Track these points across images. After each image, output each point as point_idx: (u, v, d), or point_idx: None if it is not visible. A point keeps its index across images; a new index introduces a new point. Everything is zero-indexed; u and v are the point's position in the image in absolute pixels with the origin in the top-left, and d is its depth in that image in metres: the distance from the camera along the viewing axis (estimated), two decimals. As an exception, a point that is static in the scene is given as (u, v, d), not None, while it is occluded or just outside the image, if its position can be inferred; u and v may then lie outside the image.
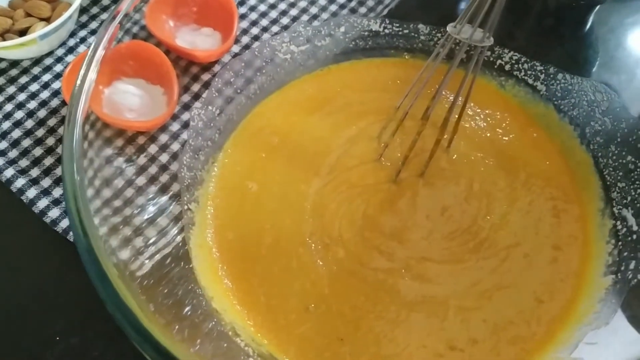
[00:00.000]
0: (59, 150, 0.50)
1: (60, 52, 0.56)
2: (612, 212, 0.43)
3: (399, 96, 0.48)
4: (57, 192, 0.48)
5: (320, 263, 0.42)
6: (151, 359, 0.26)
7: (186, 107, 0.49)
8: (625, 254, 0.41)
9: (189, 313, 0.37)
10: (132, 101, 0.48)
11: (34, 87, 0.54)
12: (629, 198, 0.43)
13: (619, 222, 0.42)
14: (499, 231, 0.43)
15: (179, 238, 0.42)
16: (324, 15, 0.57)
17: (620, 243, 0.42)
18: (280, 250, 0.43)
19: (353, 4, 0.57)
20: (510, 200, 0.44)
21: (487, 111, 0.49)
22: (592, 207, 0.44)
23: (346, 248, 0.42)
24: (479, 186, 0.45)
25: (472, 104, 0.49)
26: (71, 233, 0.45)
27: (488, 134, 0.48)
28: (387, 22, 0.52)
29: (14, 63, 0.55)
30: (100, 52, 0.35)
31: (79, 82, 0.32)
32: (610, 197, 0.44)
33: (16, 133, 0.51)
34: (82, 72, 0.33)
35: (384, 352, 0.39)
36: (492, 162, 0.46)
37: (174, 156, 0.46)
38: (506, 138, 0.48)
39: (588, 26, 0.52)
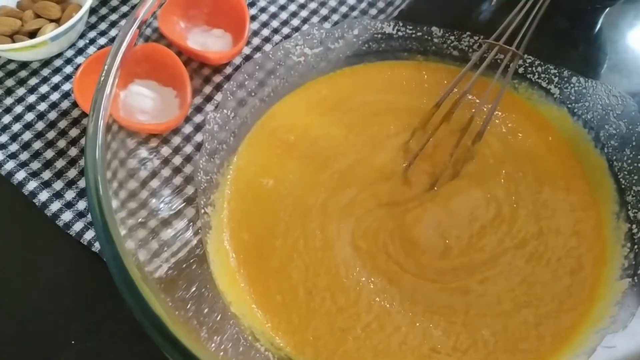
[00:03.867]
0: (70, 152, 0.50)
1: (69, 53, 0.56)
2: (627, 216, 0.43)
3: (413, 100, 0.49)
4: (69, 195, 0.47)
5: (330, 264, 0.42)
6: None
7: (198, 109, 0.49)
8: (642, 257, 0.41)
9: (208, 317, 0.37)
10: (144, 103, 0.48)
11: (44, 88, 0.53)
12: (644, 202, 0.43)
13: (634, 226, 0.43)
14: (515, 235, 0.43)
15: (194, 241, 0.42)
16: (335, 17, 0.56)
17: (635, 246, 0.42)
18: (293, 248, 0.43)
19: (363, 5, 0.57)
20: (525, 204, 0.44)
21: (500, 114, 0.49)
22: (607, 211, 0.44)
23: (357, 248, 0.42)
24: (493, 192, 0.45)
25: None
26: (84, 236, 0.45)
27: (502, 138, 0.48)
28: (401, 24, 0.52)
29: (23, 64, 0.55)
30: (120, 58, 0.34)
31: (100, 88, 0.32)
32: (626, 201, 0.44)
33: (27, 135, 0.51)
34: (103, 78, 0.33)
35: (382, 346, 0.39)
36: (506, 166, 0.46)
37: (187, 159, 0.46)
38: (520, 142, 0.48)
39: (597, 28, 0.53)
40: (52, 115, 0.52)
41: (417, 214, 0.44)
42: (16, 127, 0.51)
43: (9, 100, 0.53)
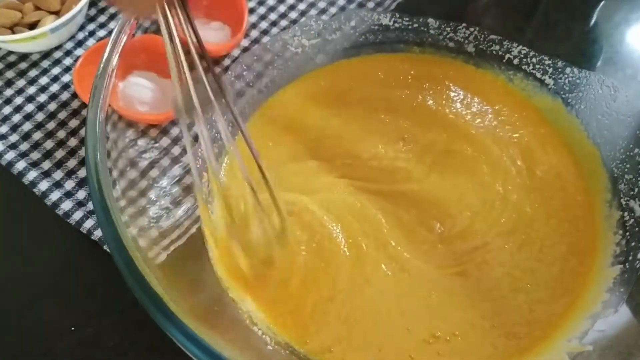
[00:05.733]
0: (70, 143, 0.50)
1: (69, 45, 0.56)
2: (620, 204, 0.44)
3: (410, 93, 0.49)
4: (69, 185, 0.48)
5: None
6: (177, 341, 0.26)
7: (197, 100, 0.49)
8: (633, 244, 0.41)
9: (207, 302, 0.37)
10: (144, 94, 0.48)
11: (44, 80, 0.54)
12: (636, 190, 0.43)
13: (626, 213, 0.43)
14: (508, 224, 0.44)
15: (193, 229, 0.42)
16: (332, 10, 0.57)
17: (627, 234, 0.42)
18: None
19: (361, -3, 0.57)
20: (519, 195, 0.45)
21: (496, 107, 0.50)
22: (600, 199, 0.45)
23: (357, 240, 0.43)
24: (488, 182, 0.46)
25: (480, 100, 0.50)
26: (84, 225, 0.46)
27: (497, 130, 0.48)
28: (397, 16, 0.53)
29: (24, 56, 0.55)
30: (122, 42, 0.35)
31: (101, 70, 0.33)
32: (618, 189, 0.44)
33: (27, 126, 0.51)
34: (103, 61, 0.33)
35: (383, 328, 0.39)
36: (502, 157, 0.47)
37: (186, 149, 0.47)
38: (515, 133, 0.48)
39: (593, 21, 0.53)
40: (52, 106, 0.52)
41: (409, 203, 0.44)
42: (16, 118, 0.51)
43: (9, 92, 0.53)
